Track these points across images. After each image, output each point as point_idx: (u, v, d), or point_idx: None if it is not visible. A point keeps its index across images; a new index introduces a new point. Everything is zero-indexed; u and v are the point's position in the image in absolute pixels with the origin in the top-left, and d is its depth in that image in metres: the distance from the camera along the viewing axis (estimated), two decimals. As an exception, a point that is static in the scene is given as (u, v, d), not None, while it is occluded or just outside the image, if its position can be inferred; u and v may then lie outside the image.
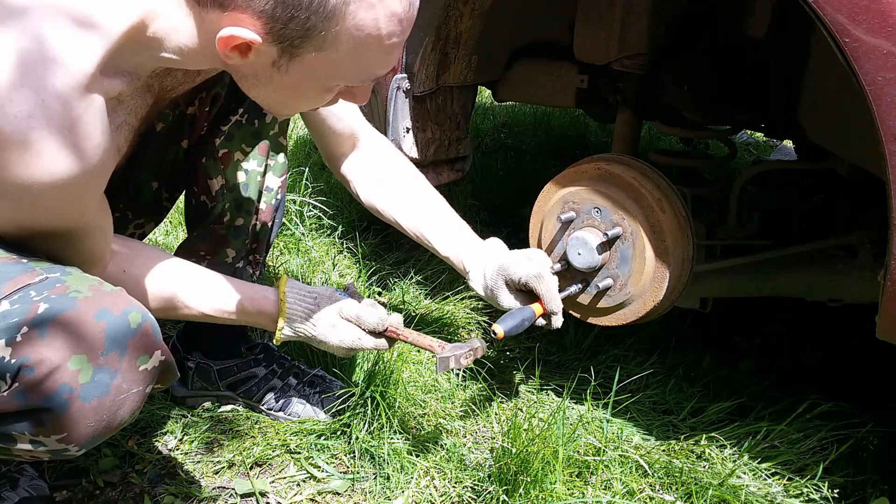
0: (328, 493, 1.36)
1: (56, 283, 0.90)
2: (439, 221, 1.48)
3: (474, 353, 1.30)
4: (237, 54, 0.93)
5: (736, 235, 1.64)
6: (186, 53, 0.98)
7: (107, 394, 0.89)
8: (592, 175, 1.48)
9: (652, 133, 3.63)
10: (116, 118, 1.00)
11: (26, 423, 0.88)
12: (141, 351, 0.92)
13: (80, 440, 0.90)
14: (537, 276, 1.36)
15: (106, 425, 0.91)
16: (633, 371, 1.66)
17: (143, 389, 0.94)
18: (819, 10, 1.02)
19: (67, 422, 0.88)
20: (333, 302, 1.27)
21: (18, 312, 0.87)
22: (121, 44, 0.92)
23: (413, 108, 1.83)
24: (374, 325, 1.27)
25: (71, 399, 0.87)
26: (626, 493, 1.31)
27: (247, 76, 1.00)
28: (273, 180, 1.43)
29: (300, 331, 1.26)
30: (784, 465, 1.40)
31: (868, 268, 1.52)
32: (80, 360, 0.87)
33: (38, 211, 0.93)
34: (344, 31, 0.90)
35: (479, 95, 2.63)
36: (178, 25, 0.95)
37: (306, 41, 0.91)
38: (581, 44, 1.80)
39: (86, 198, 0.98)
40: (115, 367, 0.90)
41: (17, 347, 0.86)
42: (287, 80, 0.97)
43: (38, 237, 0.98)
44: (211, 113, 1.35)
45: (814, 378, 1.73)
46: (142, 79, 1.02)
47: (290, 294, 1.25)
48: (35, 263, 0.94)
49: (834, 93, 1.43)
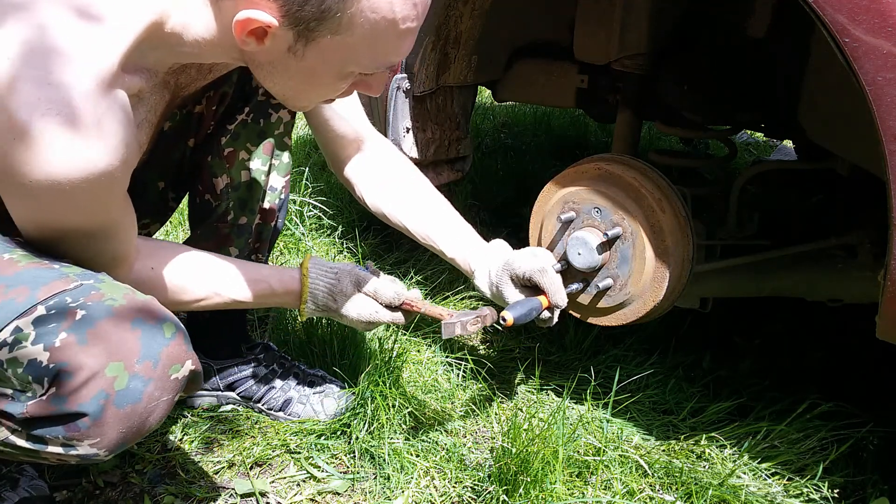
0: (328, 493, 1.36)
1: (91, 291, 0.92)
2: (445, 224, 1.48)
3: (482, 321, 1.31)
4: (254, 40, 0.93)
5: (736, 235, 1.64)
6: (204, 46, 0.98)
7: (139, 401, 0.91)
8: (592, 175, 1.48)
9: (652, 133, 3.64)
10: (138, 115, 1.01)
11: (61, 428, 0.89)
12: (174, 360, 0.94)
13: (110, 446, 0.91)
14: (541, 271, 1.36)
15: (136, 431, 0.93)
16: (633, 371, 1.66)
17: (172, 397, 0.96)
18: (819, 10, 1.02)
19: (101, 427, 0.89)
20: (353, 277, 1.32)
21: (56, 318, 0.88)
22: (140, 40, 0.94)
23: (413, 108, 1.83)
24: (390, 299, 1.33)
25: (106, 405, 0.88)
26: (626, 493, 1.31)
27: (263, 64, 1.01)
28: (277, 180, 1.44)
29: (322, 305, 1.31)
30: (784, 465, 1.40)
31: (868, 268, 1.52)
32: (118, 367, 0.89)
33: (68, 210, 0.94)
34: (359, 13, 0.91)
35: (479, 95, 2.63)
36: (195, 17, 0.96)
37: (322, 24, 0.91)
38: (581, 44, 1.80)
39: (113, 194, 0.98)
40: (148, 374, 0.91)
41: (55, 352, 0.87)
42: (303, 66, 0.98)
43: (67, 239, 0.99)
44: (218, 112, 1.35)
45: (814, 378, 1.73)
46: (159, 75, 1.03)
47: (312, 270, 1.31)
48: (67, 269, 0.95)
49: (834, 93, 1.43)
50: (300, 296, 1.30)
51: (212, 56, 1.02)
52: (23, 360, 0.87)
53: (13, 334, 0.87)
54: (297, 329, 1.79)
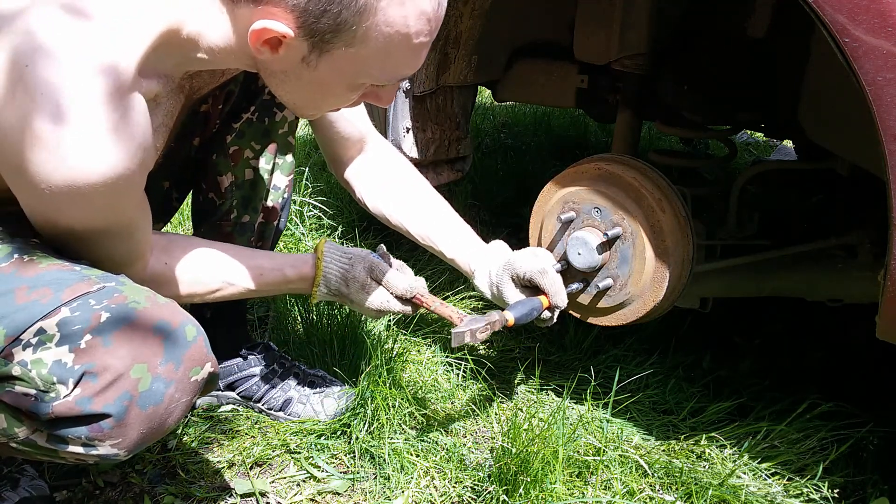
0: (328, 493, 1.36)
1: (114, 293, 0.93)
2: (445, 226, 1.48)
3: (491, 327, 1.31)
4: (268, 49, 0.94)
5: (736, 235, 1.64)
6: (218, 53, 0.99)
7: (161, 402, 0.92)
8: (592, 175, 1.48)
9: (652, 133, 3.63)
10: (155, 119, 1.02)
11: (84, 429, 0.90)
12: (195, 363, 0.96)
13: (130, 446, 0.93)
14: (541, 272, 1.36)
15: (155, 432, 0.94)
16: (633, 371, 1.66)
17: (191, 399, 0.97)
18: (819, 10, 1.02)
19: (123, 428, 0.91)
20: (366, 264, 1.32)
21: (80, 320, 0.89)
22: (157, 45, 0.94)
23: (413, 108, 1.83)
24: (402, 292, 1.33)
25: (130, 406, 0.90)
26: (626, 493, 1.31)
27: (276, 73, 1.01)
28: (280, 179, 1.44)
29: (334, 289, 1.31)
30: (784, 465, 1.40)
31: (868, 268, 1.52)
32: (141, 368, 0.90)
33: (85, 212, 0.95)
34: (374, 27, 0.92)
35: (479, 95, 2.63)
36: (211, 24, 0.96)
37: (337, 36, 0.92)
38: (581, 44, 1.80)
39: (130, 196, 0.99)
40: (171, 377, 0.93)
41: (80, 354, 0.88)
42: (315, 77, 0.98)
43: (83, 238, 1.00)
44: (224, 110, 1.36)
45: (814, 378, 1.73)
46: (175, 80, 1.04)
47: (327, 254, 1.31)
48: (88, 271, 0.96)
49: (834, 93, 1.43)
50: (313, 280, 1.31)
51: (225, 63, 1.02)
52: (47, 362, 0.88)
53: (37, 335, 0.88)
54: (297, 329, 1.79)
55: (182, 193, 1.47)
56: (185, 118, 1.31)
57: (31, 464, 1.29)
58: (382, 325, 1.78)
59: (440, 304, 1.36)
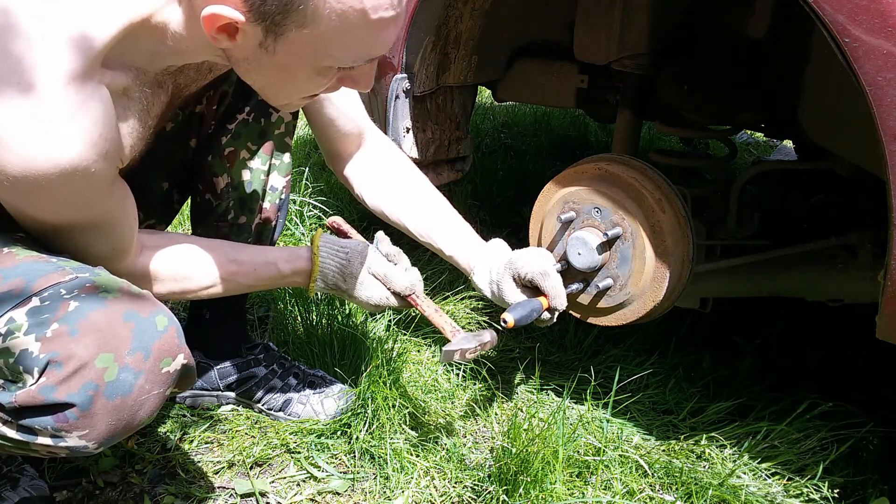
0: (328, 493, 1.36)
1: (86, 283, 0.92)
2: (445, 223, 1.48)
3: (482, 347, 1.31)
4: (225, 36, 0.92)
5: (736, 235, 1.64)
6: (182, 42, 0.98)
7: (129, 393, 0.91)
8: (592, 175, 1.48)
9: (652, 133, 3.64)
10: (126, 113, 1.00)
11: (50, 418, 0.89)
12: (165, 353, 0.94)
13: (99, 438, 0.91)
14: (543, 273, 1.36)
15: (126, 425, 0.92)
16: (633, 371, 1.66)
17: (163, 391, 0.95)
18: (819, 10, 1.02)
19: (90, 419, 0.89)
20: (364, 258, 1.32)
21: (49, 309, 0.88)
22: (123, 36, 0.93)
23: (413, 108, 1.83)
24: (401, 289, 1.33)
25: (95, 396, 0.88)
26: (626, 493, 1.31)
27: (240, 60, 0.99)
28: (277, 180, 1.44)
29: (332, 284, 1.31)
30: (784, 465, 1.40)
31: (868, 268, 1.52)
32: (107, 358, 0.89)
33: (53, 204, 0.94)
34: (324, 5, 0.88)
35: (479, 95, 2.63)
36: (173, 13, 0.95)
37: (287, 17, 0.89)
38: (581, 44, 1.80)
39: (95, 188, 0.98)
40: (139, 367, 0.91)
41: (46, 343, 0.87)
42: (276, 62, 0.96)
43: (62, 232, 1.00)
44: (218, 111, 1.35)
45: (814, 378, 1.73)
46: (150, 75, 1.03)
47: (323, 248, 1.30)
48: (64, 263, 0.96)
49: (834, 93, 1.43)
50: (310, 274, 1.30)
51: (196, 54, 1.01)
52: (15, 351, 0.88)
53: (7, 325, 0.88)
54: (297, 329, 1.79)
55: (182, 195, 1.47)
56: (180, 119, 1.31)
57: (31, 464, 1.29)
58: (382, 326, 1.78)
59: (435, 310, 1.36)
